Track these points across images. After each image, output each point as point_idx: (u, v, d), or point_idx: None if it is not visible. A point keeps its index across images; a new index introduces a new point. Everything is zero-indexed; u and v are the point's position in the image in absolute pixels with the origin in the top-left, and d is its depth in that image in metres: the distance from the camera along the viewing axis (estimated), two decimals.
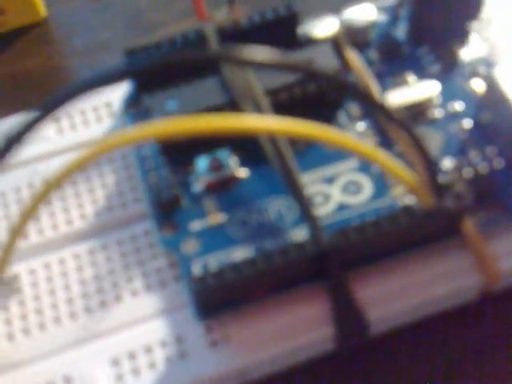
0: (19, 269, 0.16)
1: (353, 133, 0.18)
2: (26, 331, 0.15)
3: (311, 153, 0.17)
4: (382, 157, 0.14)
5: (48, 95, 0.21)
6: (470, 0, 0.19)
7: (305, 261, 0.15)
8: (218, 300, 0.15)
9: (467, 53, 0.19)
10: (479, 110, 0.18)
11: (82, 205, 0.17)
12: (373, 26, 0.19)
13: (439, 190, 0.14)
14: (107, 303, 0.15)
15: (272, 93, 0.17)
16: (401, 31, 0.20)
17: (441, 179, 0.15)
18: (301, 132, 0.13)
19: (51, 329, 0.15)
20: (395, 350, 0.16)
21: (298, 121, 0.13)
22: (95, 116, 0.18)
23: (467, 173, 0.16)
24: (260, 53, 0.13)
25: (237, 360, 0.15)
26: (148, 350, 0.15)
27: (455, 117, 0.18)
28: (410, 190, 0.15)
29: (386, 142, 0.17)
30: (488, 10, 0.19)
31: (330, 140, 0.13)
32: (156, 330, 0.15)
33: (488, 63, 0.19)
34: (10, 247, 0.14)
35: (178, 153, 0.17)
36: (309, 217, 0.15)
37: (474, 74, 0.19)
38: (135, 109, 0.18)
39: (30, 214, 0.13)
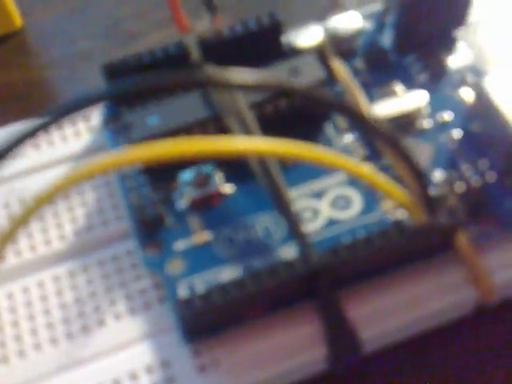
0: None
1: (340, 145, 0.17)
2: (4, 359, 0.14)
3: (298, 167, 0.17)
4: (372, 174, 0.14)
5: (28, 107, 0.21)
6: (456, 6, 0.19)
7: (294, 280, 0.14)
8: (205, 323, 0.14)
9: (455, 60, 0.19)
10: (469, 120, 0.17)
11: (60, 224, 0.16)
12: (358, 34, 0.19)
13: (431, 205, 0.14)
14: (89, 328, 0.15)
15: (256, 106, 0.16)
16: (387, 39, 0.19)
17: (432, 193, 0.14)
18: (287, 153, 0.13)
19: (31, 356, 0.14)
20: (393, 359, 0.16)
21: (284, 142, 0.13)
22: (73, 131, 0.18)
23: (459, 187, 0.16)
24: (243, 75, 0.12)
25: None
26: (133, 376, 0.14)
27: (444, 127, 0.17)
28: (401, 206, 0.14)
29: (373, 155, 0.17)
30: (474, 16, 0.19)
31: (316, 159, 0.13)
32: (141, 355, 0.14)
33: (476, 71, 0.18)
34: None
35: (161, 169, 0.16)
36: (297, 234, 0.15)
37: (463, 82, 0.18)
38: (115, 124, 0.17)
39: (8, 238, 0.13)
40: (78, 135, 0.18)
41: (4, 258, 0.16)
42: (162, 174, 0.16)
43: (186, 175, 0.16)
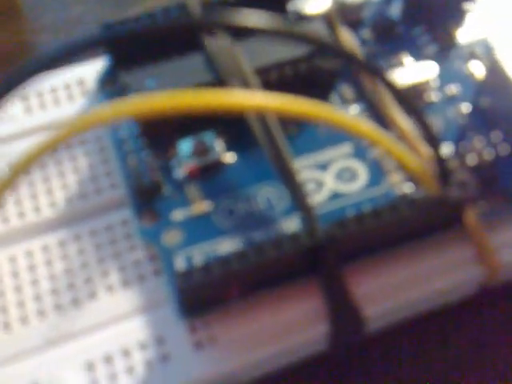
0: None
1: None
2: None
3: (303, 137, 0.16)
4: (388, 141, 0.13)
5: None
6: None
7: (298, 254, 0.13)
8: (203, 297, 0.13)
9: (464, 34, 0.18)
10: (478, 94, 0.17)
11: (51, 191, 0.15)
12: (367, 3, 0.18)
13: (444, 176, 0.13)
14: (80, 300, 0.14)
15: (262, 71, 0.16)
16: (396, 10, 0.18)
17: (445, 163, 0.14)
18: (297, 110, 0.12)
19: (17, 329, 0.14)
20: (393, 346, 0.15)
21: (294, 98, 0.12)
22: (67, 94, 0.17)
23: (471, 159, 0.15)
24: (253, 18, 0.11)
25: (224, 363, 0.13)
26: (125, 352, 0.13)
27: (453, 100, 0.17)
28: (412, 176, 0.14)
29: (380, 126, 0.16)
30: None
31: (328, 119, 0.12)
32: (134, 331, 0.14)
33: (486, 45, 0.18)
34: None
35: (160, 135, 0.15)
36: (302, 206, 0.14)
37: (472, 55, 0.18)
38: (111, 87, 0.16)
39: None
40: (71, 99, 0.17)
41: None
42: (160, 140, 0.15)
43: (186, 143, 0.15)
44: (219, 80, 0.15)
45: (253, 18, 0.11)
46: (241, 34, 0.15)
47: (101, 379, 0.13)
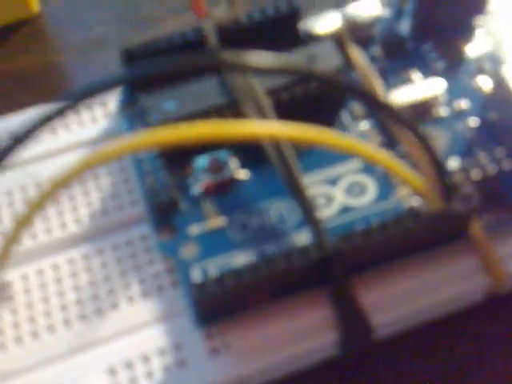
0: (11, 275, 0.15)
1: (356, 132, 0.17)
2: (18, 340, 0.15)
3: (313, 153, 0.17)
4: (389, 160, 0.14)
5: (44, 92, 0.21)
6: None
7: (308, 266, 0.14)
8: (217, 307, 0.14)
9: (473, 49, 0.18)
10: (486, 109, 0.17)
11: (76, 208, 0.16)
12: (376, 21, 0.19)
13: (448, 192, 0.14)
14: (103, 310, 0.15)
15: (273, 93, 0.16)
16: (405, 26, 0.19)
17: (448, 180, 0.14)
18: (305, 137, 0.13)
19: (45, 337, 0.15)
20: (399, 353, 0.16)
21: (301, 126, 0.13)
22: (90, 116, 0.18)
23: (475, 174, 0.16)
24: (261, 58, 0.12)
25: (237, 368, 0.14)
26: (145, 358, 0.14)
27: (461, 115, 0.17)
28: (417, 192, 0.14)
29: (389, 142, 0.17)
30: (494, 4, 0.19)
31: (333, 144, 0.13)
32: (153, 338, 0.14)
33: (494, 59, 0.18)
34: (4, 255, 0.13)
35: (176, 154, 0.16)
36: (311, 220, 0.15)
37: (480, 70, 0.18)
38: (131, 109, 0.17)
39: (24, 222, 0.13)
40: (94, 120, 0.18)
41: (20, 240, 0.16)
42: (177, 158, 0.16)
43: (201, 161, 0.16)
44: (233, 102, 0.16)
45: (265, 59, 0.12)
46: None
47: (122, 383, 0.14)
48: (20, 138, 0.12)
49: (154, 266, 0.15)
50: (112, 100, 0.18)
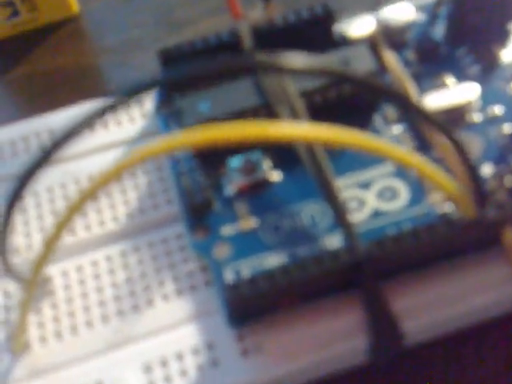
0: (52, 271, 0.16)
1: (389, 136, 0.17)
2: (58, 335, 0.15)
3: (346, 156, 0.17)
4: (422, 164, 0.14)
5: (80, 92, 0.21)
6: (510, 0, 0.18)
7: (339, 270, 0.14)
8: (250, 308, 0.14)
9: (508, 54, 0.18)
10: None
11: (114, 206, 0.17)
12: (411, 25, 0.19)
13: (482, 199, 0.14)
14: (139, 307, 0.15)
15: (307, 95, 0.17)
16: (439, 31, 0.19)
17: (482, 187, 0.14)
18: (337, 139, 0.13)
19: (83, 333, 0.15)
20: (430, 361, 0.16)
21: (334, 128, 0.13)
22: (128, 115, 0.18)
23: (509, 181, 0.16)
24: (296, 59, 0.12)
25: (269, 370, 0.14)
26: (179, 356, 0.15)
27: (495, 121, 0.17)
28: (450, 199, 0.14)
29: (423, 147, 0.17)
30: None
31: (366, 147, 0.13)
32: (187, 337, 0.15)
33: None
34: (46, 253, 0.14)
35: (211, 155, 0.17)
36: (344, 223, 0.15)
37: None
38: (167, 109, 0.18)
39: (64, 224, 0.13)
40: (132, 120, 0.18)
41: (61, 239, 0.16)
42: (211, 159, 0.17)
43: (235, 162, 0.17)
44: (267, 104, 0.16)
45: (301, 60, 0.12)
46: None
47: (157, 381, 0.14)
48: (72, 133, 0.13)
49: (188, 264, 0.16)
50: (148, 100, 0.18)
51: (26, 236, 0.17)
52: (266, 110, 0.17)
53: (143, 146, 0.12)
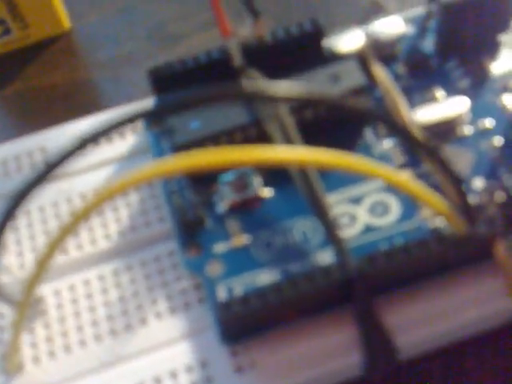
0: (44, 290, 0.16)
1: (380, 151, 0.17)
2: (51, 354, 0.15)
3: (337, 173, 0.17)
4: (409, 183, 0.14)
5: (73, 107, 0.22)
6: (500, 11, 0.19)
7: (331, 286, 0.14)
8: (243, 325, 0.14)
9: (497, 67, 0.18)
10: (511, 128, 0.17)
11: (106, 224, 0.17)
12: (400, 38, 0.19)
13: (470, 215, 0.14)
14: (132, 326, 0.15)
15: (297, 111, 0.17)
16: (429, 44, 0.19)
17: (472, 201, 0.14)
18: (325, 162, 0.13)
19: (76, 352, 0.15)
20: (425, 375, 0.16)
21: (321, 151, 0.13)
22: (119, 133, 0.18)
23: (499, 196, 0.16)
24: (285, 88, 0.12)
25: None
26: (173, 374, 0.15)
27: (486, 134, 0.17)
28: (439, 215, 0.14)
29: (413, 161, 0.17)
30: None
31: (353, 169, 0.13)
32: (181, 354, 0.15)
33: None
34: (38, 272, 0.14)
35: (202, 173, 0.17)
36: (335, 240, 0.15)
37: (505, 89, 0.18)
38: (158, 127, 0.18)
39: (56, 245, 0.13)
40: (123, 137, 0.18)
41: (53, 259, 0.16)
42: (202, 177, 0.17)
43: (226, 179, 0.17)
44: (258, 121, 0.16)
45: (291, 89, 0.12)
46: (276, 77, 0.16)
47: None
48: (66, 155, 0.13)
49: (181, 282, 0.16)
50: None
51: (18, 255, 0.17)
52: (257, 128, 0.17)
53: (135, 171, 0.12)
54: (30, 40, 0.23)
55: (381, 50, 0.19)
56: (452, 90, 0.18)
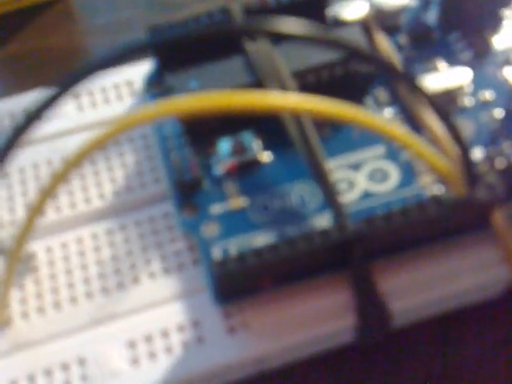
0: (36, 247, 0.16)
1: None
2: (40, 310, 0.15)
3: (337, 138, 0.17)
4: (416, 142, 0.14)
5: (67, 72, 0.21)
6: None
7: (328, 248, 0.14)
8: (237, 285, 0.14)
9: (500, 40, 0.18)
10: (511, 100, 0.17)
11: (100, 184, 0.17)
12: (403, 9, 0.19)
13: (472, 178, 0.14)
14: (124, 285, 0.15)
15: (299, 75, 0.16)
16: (432, 16, 0.19)
17: (473, 168, 0.14)
18: (330, 112, 0.13)
19: (67, 308, 0.15)
20: (416, 343, 0.16)
21: (327, 100, 0.13)
22: (116, 94, 0.18)
23: (499, 163, 0.16)
24: (291, 25, 0.12)
25: (254, 347, 0.14)
26: (165, 333, 0.14)
27: (486, 106, 0.17)
28: (441, 177, 0.14)
29: (414, 129, 0.17)
30: None
31: (360, 122, 0.13)
32: (173, 314, 0.15)
33: None
34: (28, 225, 0.13)
35: (201, 134, 0.16)
36: (333, 203, 0.15)
37: (507, 62, 0.18)
38: (157, 88, 0.18)
39: (49, 193, 0.13)
40: (120, 98, 0.18)
41: (44, 213, 0.16)
42: (202, 139, 0.16)
43: (225, 142, 0.16)
44: (258, 82, 0.16)
45: (290, 25, 0.12)
46: (280, 39, 0.16)
47: (141, 356, 0.14)
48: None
49: (175, 243, 0.16)
50: (138, 78, 0.18)
51: (10, 211, 0.16)
52: (257, 88, 0.16)
53: (132, 112, 0.12)
54: (25, 2, 0.23)
55: (384, 20, 0.19)
56: (454, 62, 0.18)
